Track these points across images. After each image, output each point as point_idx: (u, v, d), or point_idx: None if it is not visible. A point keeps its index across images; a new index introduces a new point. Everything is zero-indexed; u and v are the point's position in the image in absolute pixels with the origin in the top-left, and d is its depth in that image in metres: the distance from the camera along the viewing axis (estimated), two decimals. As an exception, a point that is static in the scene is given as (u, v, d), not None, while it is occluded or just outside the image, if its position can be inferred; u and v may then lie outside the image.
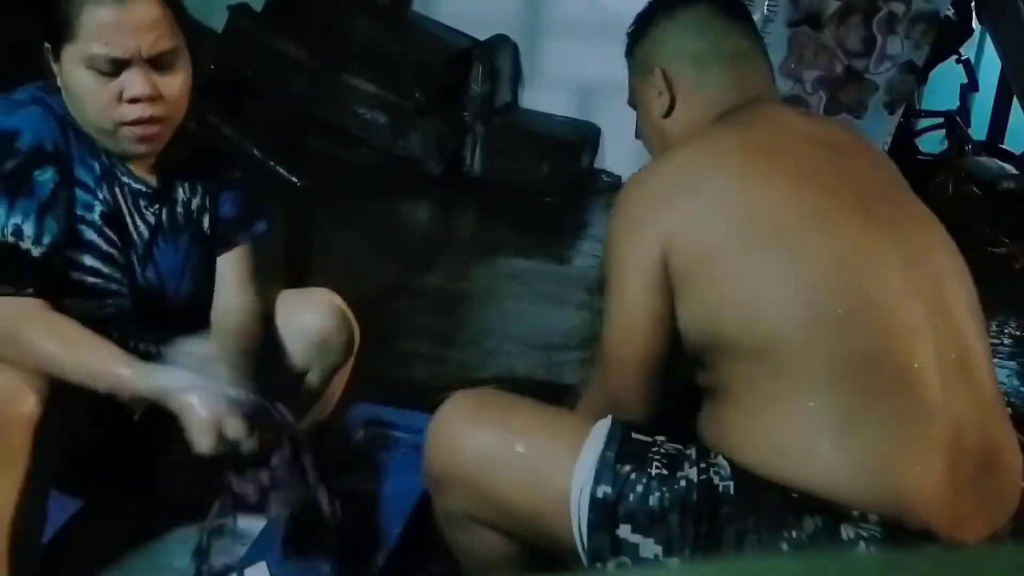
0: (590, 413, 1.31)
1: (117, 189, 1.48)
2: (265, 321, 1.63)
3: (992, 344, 3.12)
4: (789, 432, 1.14)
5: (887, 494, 1.10)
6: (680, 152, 1.31)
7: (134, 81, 1.40)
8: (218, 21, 4.55)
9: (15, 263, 1.36)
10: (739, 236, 1.19)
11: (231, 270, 1.62)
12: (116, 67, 1.39)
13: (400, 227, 3.99)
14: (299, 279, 2.25)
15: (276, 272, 2.14)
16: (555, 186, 4.43)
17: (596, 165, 4.78)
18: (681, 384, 1.32)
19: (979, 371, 1.19)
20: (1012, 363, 3.07)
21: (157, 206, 1.53)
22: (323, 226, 2.55)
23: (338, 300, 1.71)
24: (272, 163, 2.23)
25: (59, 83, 1.43)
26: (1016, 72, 3.91)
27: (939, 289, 1.20)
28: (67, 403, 1.36)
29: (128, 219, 1.50)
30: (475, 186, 4.43)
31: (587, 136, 4.67)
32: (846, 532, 1.09)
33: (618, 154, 4.70)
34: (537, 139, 4.51)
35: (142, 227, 1.52)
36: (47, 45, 1.42)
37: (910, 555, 0.59)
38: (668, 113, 1.38)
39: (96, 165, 1.46)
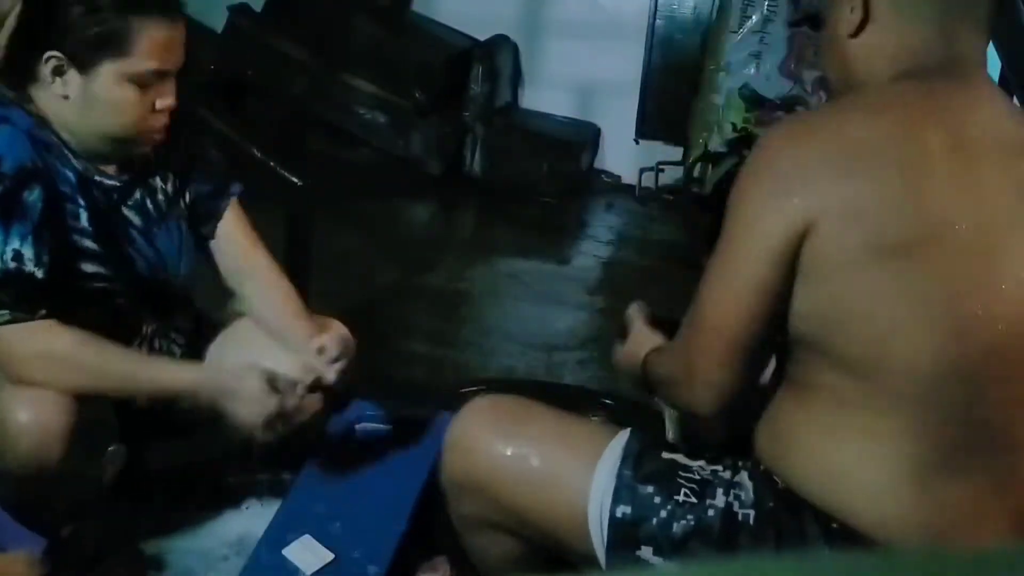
0: (661, 375, 1.23)
1: (94, 191, 1.50)
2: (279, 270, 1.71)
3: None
4: (860, 464, 1.09)
5: None
6: (857, 112, 1.14)
7: (168, 92, 1.46)
8: (218, 21, 4.55)
9: (23, 288, 1.38)
10: (898, 243, 1.06)
11: (233, 230, 1.67)
12: (159, 80, 1.45)
13: (400, 227, 3.99)
14: (299, 279, 2.25)
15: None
16: (555, 186, 4.43)
17: (596, 165, 4.77)
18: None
19: None
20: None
21: (136, 197, 1.56)
22: (323, 226, 2.55)
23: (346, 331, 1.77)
24: (272, 163, 2.23)
25: (63, 93, 1.43)
26: (1016, 72, 3.91)
27: None
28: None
29: (113, 217, 1.53)
30: (475, 186, 4.43)
31: (587, 136, 4.67)
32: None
33: (618, 154, 4.70)
34: (537, 139, 4.51)
35: (132, 221, 1.55)
36: (56, 55, 1.41)
37: (910, 555, 0.59)
38: (856, 33, 1.18)
39: (70, 174, 1.47)
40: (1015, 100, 3.14)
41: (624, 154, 4.62)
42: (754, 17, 3.70)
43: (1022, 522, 1.08)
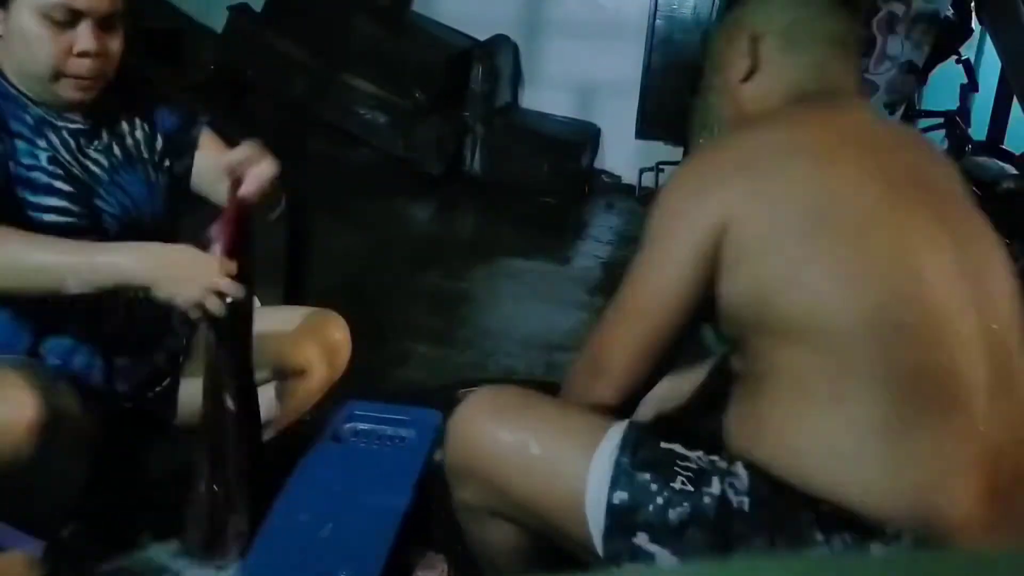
0: (574, 377, 1.31)
1: (54, 134, 1.53)
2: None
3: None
4: (827, 433, 1.12)
5: (924, 512, 1.08)
6: (755, 129, 1.29)
7: (85, 36, 1.46)
8: (218, 21, 4.56)
9: None
10: (807, 219, 1.16)
11: (210, 153, 1.64)
12: (71, 19, 1.45)
13: (400, 227, 3.99)
14: (299, 279, 2.25)
15: (276, 273, 2.15)
16: (555, 186, 4.43)
17: (596, 165, 4.78)
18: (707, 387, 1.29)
19: (1020, 388, 1.16)
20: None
21: (100, 141, 1.59)
22: (323, 226, 2.55)
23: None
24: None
25: (1, 32, 1.47)
26: (1016, 72, 3.91)
27: (993, 304, 1.18)
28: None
29: (76, 158, 1.55)
30: (475, 186, 4.43)
31: (587, 136, 4.68)
32: (876, 551, 1.07)
33: (618, 154, 4.71)
34: (537, 139, 4.52)
35: (99, 162, 1.58)
36: None
37: (911, 556, 0.59)
38: (747, 78, 1.34)
39: (27, 116, 1.51)
40: (1016, 100, 3.13)
41: (624, 154, 4.63)
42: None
43: (991, 468, 1.11)
